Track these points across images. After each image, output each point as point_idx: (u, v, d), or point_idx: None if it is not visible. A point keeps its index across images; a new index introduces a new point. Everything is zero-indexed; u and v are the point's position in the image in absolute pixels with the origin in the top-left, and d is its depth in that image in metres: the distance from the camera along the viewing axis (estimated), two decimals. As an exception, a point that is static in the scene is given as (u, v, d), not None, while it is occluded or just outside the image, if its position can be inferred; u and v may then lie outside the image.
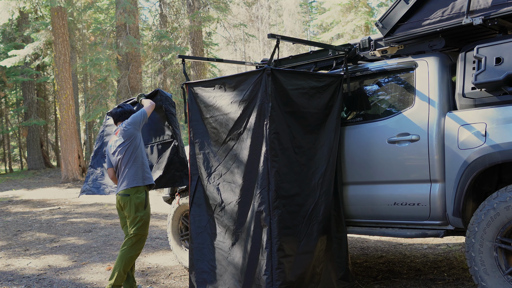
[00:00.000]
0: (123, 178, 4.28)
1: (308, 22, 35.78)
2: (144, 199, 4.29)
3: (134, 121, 4.31)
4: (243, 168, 3.81)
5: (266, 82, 3.61)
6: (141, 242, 4.31)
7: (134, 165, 4.26)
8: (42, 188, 15.32)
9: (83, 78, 27.04)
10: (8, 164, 28.23)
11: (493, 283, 3.27)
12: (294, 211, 3.71)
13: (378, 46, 4.18)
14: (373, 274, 4.68)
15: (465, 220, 3.55)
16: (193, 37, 17.44)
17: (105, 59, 14.95)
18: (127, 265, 4.22)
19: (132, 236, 4.24)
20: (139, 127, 4.34)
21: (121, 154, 4.25)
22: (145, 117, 4.39)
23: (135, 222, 4.24)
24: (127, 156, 4.25)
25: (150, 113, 4.48)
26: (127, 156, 4.25)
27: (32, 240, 7.11)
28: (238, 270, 3.83)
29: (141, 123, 4.35)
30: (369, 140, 4.02)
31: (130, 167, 4.25)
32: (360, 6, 19.48)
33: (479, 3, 3.48)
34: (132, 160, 4.25)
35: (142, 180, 4.28)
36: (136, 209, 4.24)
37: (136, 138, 4.29)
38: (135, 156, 4.26)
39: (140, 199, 4.25)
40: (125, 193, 4.24)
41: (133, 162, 4.26)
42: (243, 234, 3.81)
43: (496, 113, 3.36)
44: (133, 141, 4.26)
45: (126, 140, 4.26)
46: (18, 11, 16.03)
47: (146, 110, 4.43)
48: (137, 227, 4.24)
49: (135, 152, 4.26)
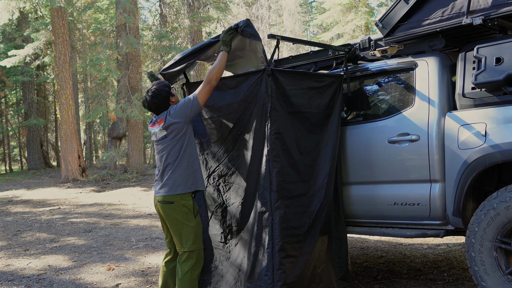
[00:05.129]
0: (165, 179, 3.55)
1: (308, 22, 35.78)
2: (192, 205, 3.57)
3: (182, 112, 3.54)
4: (246, 169, 3.80)
5: (267, 83, 3.61)
6: (201, 257, 3.60)
7: (180, 166, 3.54)
8: (42, 188, 15.32)
9: (83, 78, 27.05)
10: (8, 164, 28.22)
11: (493, 283, 3.27)
12: (299, 211, 3.71)
13: (378, 46, 4.18)
14: (373, 274, 4.68)
15: (465, 220, 3.55)
16: (193, 37, 17.44)
17: (105, 59, 14.95)
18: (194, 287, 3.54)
19: (188, 254, 3.52)
20: (190, 118, 3.58)
21: (166, 149, 3.55)
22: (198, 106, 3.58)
23: (187, 235, 3.52)
24: (174, 154, 3.53)
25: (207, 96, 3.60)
26: (174, 155, 3.54)
27: (32, 240, 7.11)
28: (239, 271, 3.83)
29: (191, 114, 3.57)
30: (369, 140, 4.02)
31: (175, 168, 3.53)
32: (360, 6, 19.49)
33: (479, 3, 3.48)
34: (179, 159, 3.53)
35: (191, 185, 3.56)
36: (184, 219, 3.52)
37: (186, 133, 3.57)
38: (182, 153, 3.53)
39: (187, 206, 3.54)
40: (166, 200, 3.51)
41: (179, 162, 3.53)
42: (246, 235, 3.81)
43: (496, 113, 3.36)
44: (181, 137, 3.55)
45: (170, 134, 3.54)
46: (18, 11, 16.04)
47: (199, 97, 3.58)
48: (191, 241, 3.52)
49: (183, 148, 3.54)
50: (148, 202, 11.17)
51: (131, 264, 5.43)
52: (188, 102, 3.55)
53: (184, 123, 3.55)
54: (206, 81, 3.57)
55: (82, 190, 14.16)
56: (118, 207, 10.53)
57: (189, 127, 3.61)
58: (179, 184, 3.53)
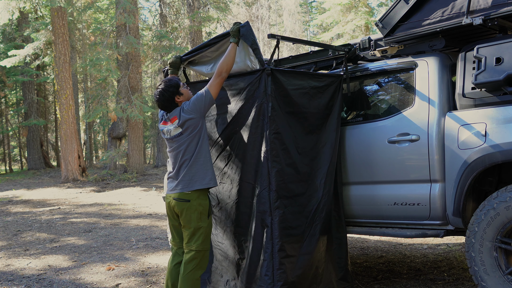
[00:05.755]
0: (182, 176, 3.49)
1: (308, 22, 35.79)
2: (208, 205, 3.55)
3: (196, 107, 3.49)
4: (241, 168, 3.80)
5: (266, 82, 3.60)
6: (206, 258, 3.58)
7: (197, 161, 3.49)
8: (42, 188, 15.32)
9: (83, 78, 27.06)
10: (8, 164, 28.23)
11: (493, 283, 3.27)
12: (297, 211, 3.71)
13: (378, 46, 4.17)
14: (373, 274, 4.68)
15: (465, 220, 3.54)
16: (193, 37, 17.44)
17: (105, 59, 14.95)
18: (196, 287, 3.52)
19: (195, 254, 3.50)
20: (204, 112, 3.55)
21: (183, 146, 3.50)
22: (211, 99, 3.56)
23: (197, 235, 3.49)
24: (191, 150, 3.49)
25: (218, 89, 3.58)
26: (190, 151, 3.49)
27: (32, 240, 7.11)
28: (239, 271, 3.83)
29: (205, 108, 3.54)
30: (369, 140, 4.02)
31: (191, 164, 3.48)
32: (360, 6, 19.49)
33: (479, 3, 3.48)
34: (195, 155, 3.49)
35: (209, 181, 3.52)
36: (198, 219, 3.47)
37: (202, 128, 3.53)
38: (199, 149, 3.50)
39: (203, 206, 3.50)
40: (183, 198, 3.47)
41: (196, 158, 3.49)
42: (244, 234, 3.81)
43: (496, 113, 3.36)
44: (197, 133, 3.51)
45: (185, 131, 3.50)
46: (18, 11, 16.04)
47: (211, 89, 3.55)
48: (201, 241, 3.49)
49: (199, 144, 3.51)
50: (148, 202, 11.17)
51: (131, 264, 5.43)
52: (201, 97, 3.52)
53: (199, 118, 3.51)
54: (216, 74, 3.56)
55: (82, 190, 14.16)
56: (118, 207, 10.54)
57: (203, 122, 3.57)
58: (196, 180, 3.48)
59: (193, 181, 3.47)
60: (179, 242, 3.70)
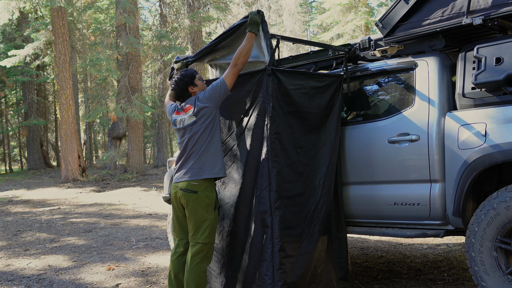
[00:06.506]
0: (191, 164, 3.46)
1: (308, 22, 35.79)
2: (215, 197, 3.53)
3: (211, 96, 3.50)
4: (242, 168, 3.80)
5: (267, 82, 3.61)
6: (211, 251, 3.57)
7: (207, 150, 3.47)
8: (42, 188, 15.32)
9: (83, 78, 27.06)
10: (8, 164, 28.23)
11: (493, 283, 3.27)
12: (296, 211, 3.71)
13: (378, 46, 4.18)
14: (373, 274, 4.68)
15: (465, 220, 3.55)
16: (193, 37, 17.44)
17: (105, 59, 14.96)
18: (203, 279, 3.49)
19: (201, 246, 3.47)
20: (219, 102, 3.56)
21: (195, 135, 3.49)
22: (226, 90, 3.55)
23: (203, 227, 3.46)
24: (203, 139, 3.47)
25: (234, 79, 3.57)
26: (202, 140, 3.47)
27: (32, 240, 7.11)
28: (238, 271, 3.82)
29: (220, 98, 3.55)
30: (369, 140, 4.02)
31: (202, 153, 3.47)
32: (360, 6, 19.49)
33: (479, 3, 3.48)
34: (206, 144, 3.48)
35: (218, 171, 3.50)
36: (205, 210, 3.46)
37: (215, 118, 3.54)
38: (210, 138, 3.50)
39: (210, 198, 3.49)
40: (190, 189, 3.44)
41: (206, 147, 3.47)
42: (243, 234, 3.81)
43: (496, 113, 3.36)
44: (211, 122, 3.51)
45: (199, 120, 3.50)
46: (18, 11, 16.04)
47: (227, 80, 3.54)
48: (207, 233, 3.47)
49: (211, 133, 3.50)
50: (148, 202, 11.18)
51: (131, 264, 5.43)
52: (216, 86, 3.53)
53: (214, 108, 3.53)
54: (232, 64, 3.54)
55: (82, 190, 14.16)
56: (118, 207, 10.54)
57: (217, 112, 3.58)
58: (206, 169, 3.48)
59: (203, 169, 3.46)
60: (181, 233, 3.69)
